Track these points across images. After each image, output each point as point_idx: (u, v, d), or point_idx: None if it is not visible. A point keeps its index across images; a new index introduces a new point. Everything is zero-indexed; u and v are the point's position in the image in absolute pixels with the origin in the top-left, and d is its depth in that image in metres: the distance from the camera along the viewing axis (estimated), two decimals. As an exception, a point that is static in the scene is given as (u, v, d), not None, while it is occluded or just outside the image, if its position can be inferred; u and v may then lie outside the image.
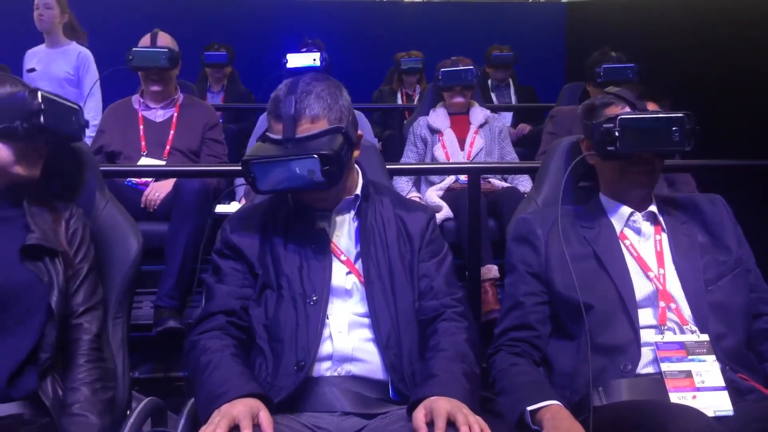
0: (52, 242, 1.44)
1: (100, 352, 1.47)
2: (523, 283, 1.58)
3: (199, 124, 3.04)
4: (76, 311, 1.46)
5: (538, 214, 1.69)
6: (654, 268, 1.53)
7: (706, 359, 1.43)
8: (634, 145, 1.51)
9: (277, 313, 1.42)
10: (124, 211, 1.68)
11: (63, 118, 1.49)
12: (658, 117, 1.52)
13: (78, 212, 1.54)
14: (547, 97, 5.09)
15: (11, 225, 1.45)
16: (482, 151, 3.30)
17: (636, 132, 1.50)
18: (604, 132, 1.52)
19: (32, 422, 1.33)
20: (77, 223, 1.52)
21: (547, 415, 1.33)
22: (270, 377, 1.37)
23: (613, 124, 1.51)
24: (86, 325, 1.46)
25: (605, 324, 1.47)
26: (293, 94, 1.42)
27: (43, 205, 1.50)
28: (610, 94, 1.63)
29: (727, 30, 3.83)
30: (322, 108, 1.42)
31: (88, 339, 1.45)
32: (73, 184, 1.64)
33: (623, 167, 1.57)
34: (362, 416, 1.35)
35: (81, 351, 1.43)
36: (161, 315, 2.50)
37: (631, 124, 1.51)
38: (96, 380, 1.41)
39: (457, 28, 6.44)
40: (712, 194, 1.69)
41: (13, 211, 1.47)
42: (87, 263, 1.50)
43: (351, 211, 1.54)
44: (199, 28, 5.80)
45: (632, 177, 1.57)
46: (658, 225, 1.60)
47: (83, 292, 1.48)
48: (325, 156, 1.36)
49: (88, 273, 1.50)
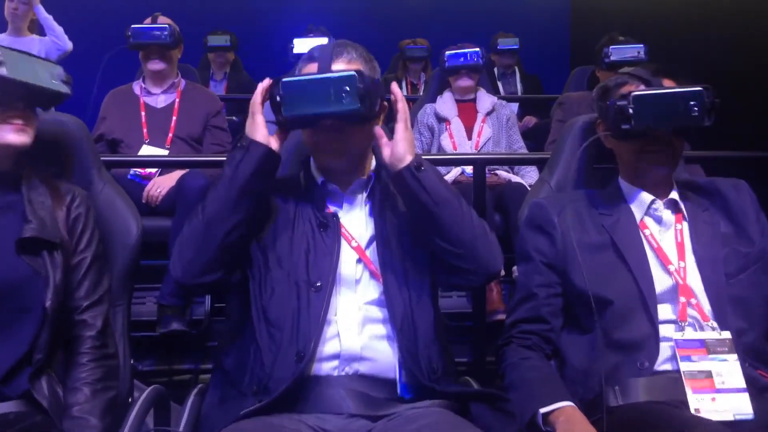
0: (50, 233, 1.37)
1: (105, 348, 1.41)
2: (537, 273, 1.53)
3: (201, 111, 2.99)
4: (79, 306, 1.40)
5: (553, 199, 1.63)
6: (674, 260, 1.47)
7: (728, 358, 1.38)
8: (648, 122, 1.44)
9: (279, 298, 1.37)
10: (123, 193, 1.62)
11: (33, 72, 1.38)
12: (674, 92, 1.45)
13: (81, 195, 1.46)
14: (552, 86, 5.04)
15: (9, 213, 1.38)
16: (490, 140, 3.25)
17: (651, 108, 1.43)
18: (618, 110, 1.45)
19: (24, 420, 1.28)
20: (80, 208, 1.44)
21: (561, 417, 1.29)
22: (268, 368, 1.32)
23: (626, 101, 1.44)
24: (90, 321, 1.40)
25: (623, 319, 1.42)
26: (329, 43, 1.46)
27: (43, 189, 1.42)
28: (624, 74, 1.57)
29: (735, 16, 3.77)
30: (358, 55, 1.44)
31: (91, 336, 1.39)
32: (69, 166, 1.57)
33: (640, 148, 1.51)
34: (369, 418, 1.30)
35: (84, 349, 1.38)
36: (164, 313, 2.47)
37: (646, 99, 1.43)
38: (97, 380, 1.36)
39: (462, 15, 6.38)
40: (736, 179, 1.61)
41: (12, 197, 1.40)
42: (90, 253, 1.43)
43: (363, 192, 1.49)
44: (201, 15, 5.74)
45: (650, 158, 1.50)
46: (680, 213, 1.54)
47: (86, 285, 1.42)
48: (363, 75, 1.32)
49: (92, 263, 1.43)
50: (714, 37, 3.90)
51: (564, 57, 6.42)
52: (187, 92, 3.04)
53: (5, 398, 1.30)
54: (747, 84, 3.56)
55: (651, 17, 4.68)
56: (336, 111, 1.34)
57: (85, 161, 1.59)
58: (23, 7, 3.90)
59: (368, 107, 1.34)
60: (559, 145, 1.77)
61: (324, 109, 1.34)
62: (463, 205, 1.39)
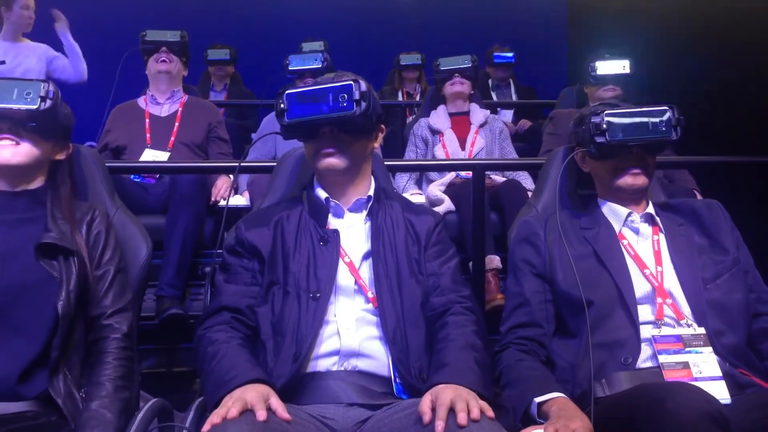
0: (68, 242, 1.47)
1: (129, 351, 1.49)
2: (527, 282, 1.62)
3: (203, 121, 3.11)
4: (105, 312, 1.49)
5: (538, 217, 1.75)
6: (651, 266, 1.57)
7: (703, 351, 1.46)
8: (621, 135, 1.59)
9: (282, 309, 1.45)
10: (134, 217, 1.73)
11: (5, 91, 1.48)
12: (642, 110, 1.63)
13: (101, 214, 1.58)
14: (549, 94, 5.09)
15: (33, 225, 1.49)
16: (483, 150, 3.32)
17: (622, 123, 1.60)
18: (593, 127, 1.61)
19: (38, 418, 1.34)
20: (100, 225, 1.55)
21: (554, 406, 1.35)
22: (270, 369, 1.40)
23: (600, 118, 1.61)
24: (116, 325, 1.49)
25: (606, 320, 1.51)
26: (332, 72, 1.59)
27: (65, 206, 1.53)
28: (598, 105, 1.72)
29: (729, 27, 3.83)
30: (355, 77, 1.53)
31: (116, 337, 1.47)
32: (85, 192, 1.70)
33: (616, 165, 1.63)
34: (368, 407, 1.37)
35: (110, 348, 1.46)
36: (163, 305, 2.53)
37: (617, 115, 1.62)
38: (120, 377, 1.43)
39: (458, 27, 6.44)
40: (709, 199, 1.74)
41: (39, 212, 1.51)
42: (113, 265, 1.53)
43: (363, 211, 1.59)
44: (201, 30, 5.81)
45: (625, 174, 1.62)
46: (656, 226, 1.64)
47: (111, 295, 1.51)
48: (359, 83, 1.47)
49: (116, 275, 1.53)
50: (710, 47, 3.95)
51: (561, 66, 6.45)
52: (190, 103, 3.16)
53: (22, 398, 1.36)
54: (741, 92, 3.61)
55: (647, 27, 4.72)
56: (334, 115, 1.47)
57: (99, 188, 1.73)
58: (33, 16, 3.95)
59: (365, 113, 1.47)
60: (543, 173, 1.90)
61: (323, 113, 1.47)
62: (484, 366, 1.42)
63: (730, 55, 3.76)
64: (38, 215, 1.51)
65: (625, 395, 1.37)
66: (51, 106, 1.50)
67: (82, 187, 1.70)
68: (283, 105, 1.50)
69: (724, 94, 3.75)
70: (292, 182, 1.80)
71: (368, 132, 1.56)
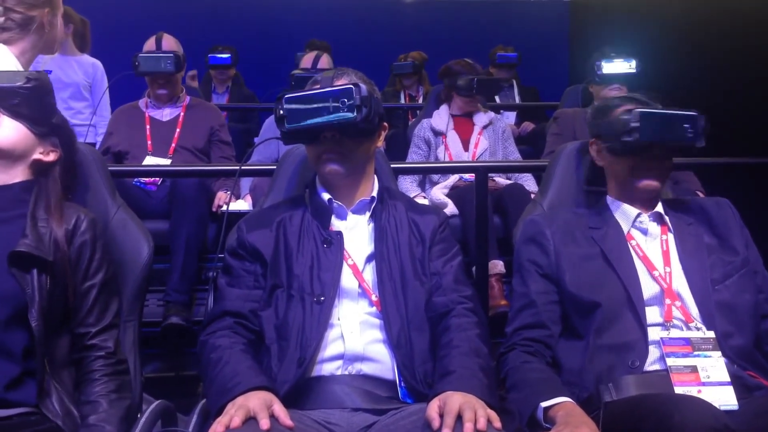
0: (44, 251, 1.36)
1: (117, 365, 1.44)
2: (533, 282, 1.59)
3: (206, 124, 3.09)
4: (88, 332, 1.42)
5: (544, 215, 1.71)
6: (660, 267, 1.55)
7: (712, 355, 1.44)
8: (650, 137, 1.54)
9: (286, 312, 1.44)
10: (135, 216, 1.69)
11: None
12: (674, 113, 1.56)
13: (88, 220, 1.45)
14: (551, 96, 5.08)
15: (12, 225, 1.39)
16: (486, 151, 3.30)
17: (653, 124, 1.54)
18: (622, 123, 1.55)
19: (39, 424, 1.31)
20: (85, 234, 1.44)
21: (561, 411, 1.33)
22: (275, 374, 1.39)
23: (630, 115, 1.54)
24: (100, 345, 1.42)
25: (613, 321, 1.49)
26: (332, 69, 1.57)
27: (49, 208, 1.42)
28: (624, 97, 1.67)
29: (731, 28, 3.82)
30: (358, 78, 1.52)
31: (101, 356, 1.42)
32: (85, 191, 1.64)
33: (635, 164, 1.59)
34: (373, 412, 1.36)
35: (95, 367, 1.40)
36: (169, 311, 2.53)
37: (650, 115, 1.54)
38: (112, 391, 1.39)
39: (460, 27, 6.44)
40: (718, 197, 1.71)
41: (20, 210, 1.41)
42: (98, 279, 1.44)
43: (366, 212, 1.57)
44: (203, 30, 5.82)
45: (644, 174, 1.58)
46: (665, 225, 1.62)
47: (95, 313, 1.43)
48: (360, 87, 1.43)
49: (101, 290, 1.44)
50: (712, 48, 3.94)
51: (563, 67, 6.44)
52: (192, 107, 3.14)
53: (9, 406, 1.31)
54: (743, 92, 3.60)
55: (649, 28, 4.71)
56: (334, 121, 1.43)
57: (99, 187, 1.67)
58: None
59: (366, 118, 1.43)
60: (550, 168, 1.86)
61: (323, 119, 1.43)
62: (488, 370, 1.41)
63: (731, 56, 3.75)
64: (16, 215, 1.40)
65: (633, 405, 1.35)
66: (36, 86, 1.42)
67: (82, 186, 1.62)
68: (282, 111, 1.46)
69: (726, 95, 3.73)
70: (294, 181, 1.77)
71: (370, 134, 1.53)
